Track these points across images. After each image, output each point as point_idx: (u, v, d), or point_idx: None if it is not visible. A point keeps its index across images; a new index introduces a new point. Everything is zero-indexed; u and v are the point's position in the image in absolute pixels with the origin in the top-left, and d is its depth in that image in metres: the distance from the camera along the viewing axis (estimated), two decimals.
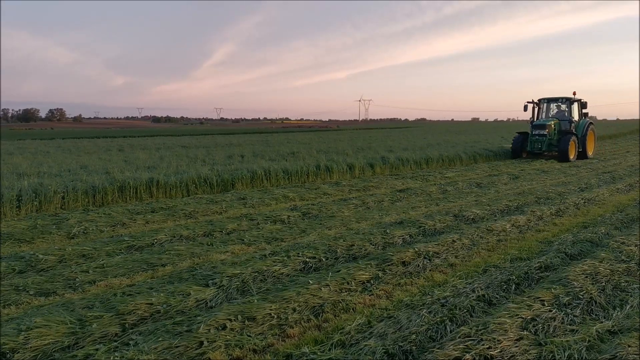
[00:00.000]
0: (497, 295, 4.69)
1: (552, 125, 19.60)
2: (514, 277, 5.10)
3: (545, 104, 21.08)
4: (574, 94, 20.13)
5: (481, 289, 4.74)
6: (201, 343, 3.70)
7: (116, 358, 3.39)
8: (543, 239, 7.02)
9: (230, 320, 4.07)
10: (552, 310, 4.21)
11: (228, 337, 3.83)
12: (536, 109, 20.99)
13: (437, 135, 37.69)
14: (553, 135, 19.60)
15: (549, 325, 4.00)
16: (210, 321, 3.99)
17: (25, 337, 3.68)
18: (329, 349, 3.68)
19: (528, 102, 20.73)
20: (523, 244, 6.79)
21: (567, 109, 20.30)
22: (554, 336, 3.83)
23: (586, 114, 20.94)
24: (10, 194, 8.86)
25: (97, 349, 3.57)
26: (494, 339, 3.64)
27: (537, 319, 4.05)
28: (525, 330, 3.87)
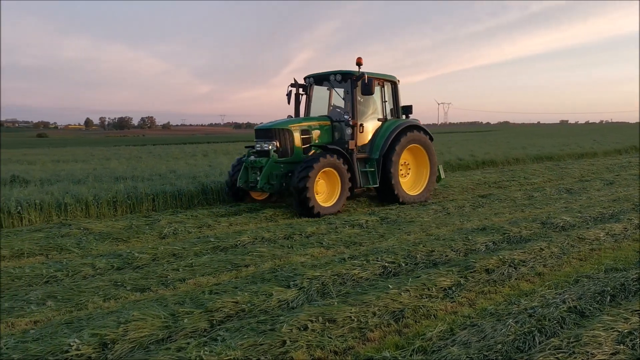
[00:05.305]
0: (590, 307, 4.41)
1: (298, 133, 9.68)
2: (608, 289, 4.77)
3: (315, 88, 10.95)
4: (359, 62, 9.79)
5: (572, 300, 4.49)
6: (284, 342, 3.79)
7: (206, 352, 3.56)
8: None
9: (311, 321, 4.14)
10: None
11: (309, 337, 3.90)
12: (302, 99, 10.93)
13: (522, 139, 36.06)
14: (297, 156, 9.63)
15: None
16: (292, 321, 4.09)
17: (124, 329, 3.95)
18: (410, 355, 3.65)
19: (291, 86, 10.82)
20: (619, 253, 6.34)
21: (348, 97, 10.12)
22: None
23: (407, 110, 10.93)
24: (108, 196, 9.59)
25: (188, 343, 3.77)
26: (587, 352, 3.44)
27: (635, 333, 3.77)
28: (621, 345, 3.62)
